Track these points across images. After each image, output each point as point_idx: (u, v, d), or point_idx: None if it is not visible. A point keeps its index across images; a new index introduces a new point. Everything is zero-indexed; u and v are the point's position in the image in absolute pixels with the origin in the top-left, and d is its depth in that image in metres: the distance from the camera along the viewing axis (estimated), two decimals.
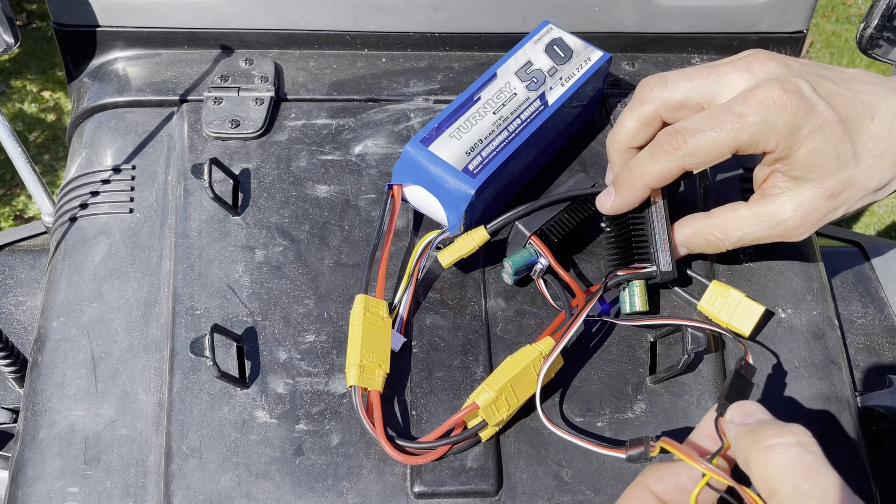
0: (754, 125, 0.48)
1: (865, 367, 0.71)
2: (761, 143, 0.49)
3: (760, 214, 0.52)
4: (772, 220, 0.52)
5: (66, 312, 0.60)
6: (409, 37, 0.74)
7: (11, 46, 0.63)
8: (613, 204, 0.55)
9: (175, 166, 0.66)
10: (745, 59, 0.51)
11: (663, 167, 0.51)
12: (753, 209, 0.52)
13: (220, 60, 0.73)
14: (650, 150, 0.52)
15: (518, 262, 0.57)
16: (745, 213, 0.52)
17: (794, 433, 0.38)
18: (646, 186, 0.53)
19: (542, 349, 0.52)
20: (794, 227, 0.51)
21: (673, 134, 0.50)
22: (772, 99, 0.47)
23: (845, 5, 2.35)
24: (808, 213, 0.51)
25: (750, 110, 0.48)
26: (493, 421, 0.51)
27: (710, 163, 0.50)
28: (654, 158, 0.51)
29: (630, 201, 0.54)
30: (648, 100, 0.53)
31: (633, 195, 0.54)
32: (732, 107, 0.49)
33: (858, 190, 0.50)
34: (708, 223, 0.54)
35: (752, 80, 0.50)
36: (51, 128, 1.96)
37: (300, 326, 0.57)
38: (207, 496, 0.51)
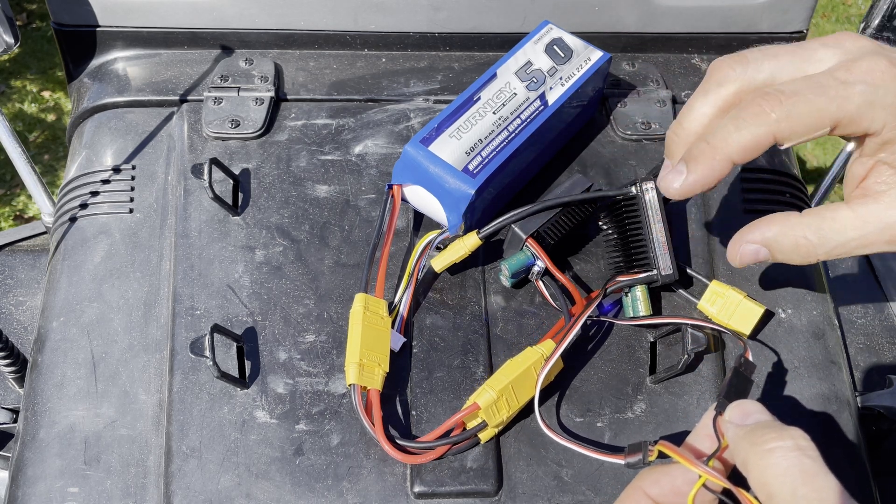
0: (860, 95, 0.41)
1: (865, 367, 0.71)
2: (866, 120, 0.41)
3: (866, 216, 0.44)
4: (880, 223, 0.43)
5: (66, 312, 0.60)
6: (409, 37, 0.74)
7: (11, 46, 0.63)
8: (685, 183, 0.45)
9: (175, 166, 0.66)
10: (835, 36, 0.45)
11: (751, 134, 0.42)
12: (857, 209, 0.44)
13: (220, 60, 0.73)
14: (734, 117, 0.43)
15: (515, 266, 0.57)
16: (847, 213, 0.44)
17: (793, 437, 0.38)
18: (728, 159, 0.44)
19: (543, 351, 0.52)
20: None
21: (765, 95, 0.42)
22: (879, 69, 0.41)
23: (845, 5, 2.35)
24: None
25: (856, 78, 0.41)
26: (493, 422, 0.51)
27: (807, 135, 0.42)
28: (738, 125, 0.43)
29: (707, 178, 0.45)
30: (728, 80, 0.45)
31: (711, 170, 0.44)
32: (835, 73, 0.42)
33: None
34: (801, 222, 0.46)
35: (845, 55, 0.43)
36: (51, 128, 1.96)
37: (300, 326, 0.57)
38: (207, 496, 0.51)
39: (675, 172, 0.46)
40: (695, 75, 0.75)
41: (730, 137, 0.43)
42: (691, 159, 0.45)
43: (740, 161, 0.44)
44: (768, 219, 0.47)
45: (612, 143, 0.69)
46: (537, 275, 0.57)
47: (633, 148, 0.68)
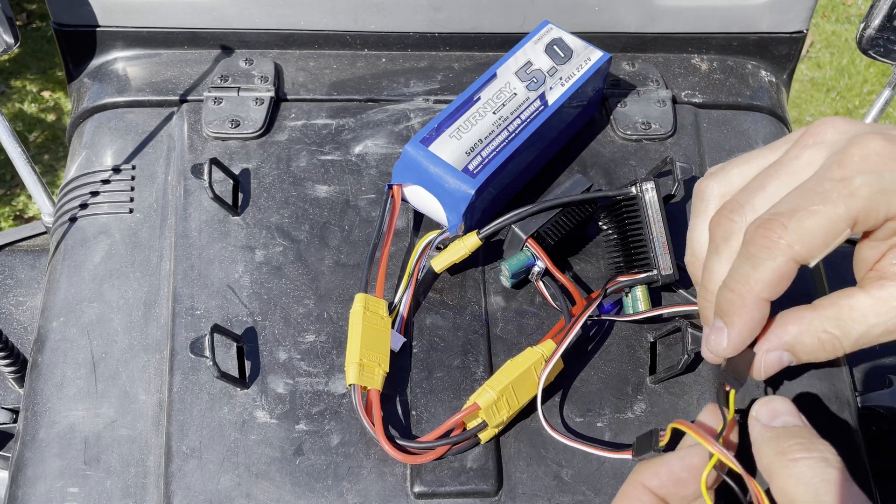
0: (865, 187, 0.37)
1: (866, 367, 0.71)
2: (881, 209, 0.38)
3: (888, 300, 0.40)
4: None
5: (65, 312, 0.60)
6: (409, 37, 0.74)
7: (11, 46, 0.63)
8: (731, 339, 0.43)
9: (175, 166, 0.66)
10: (813, 130, 0.41)
11: (770, 269, 0.39)
12: (875, 294, 0.41)
13: (220, 60, 0.73)
14: (744, 255, 0.40)
15: (515, 266, 0.57)
16: (865, 300, 0.41)
17: (820, 450, 0.37)
18: (760, 301, 0.41)
19: (543, 352, 0.52)
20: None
21: (765, 224, 0.39)
22: (874, 153, 0.38)
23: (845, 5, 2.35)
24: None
25: (852, 171, 0.38)
26: (494, 422, 0.51)
27: (827, 247, 0.39)
28: (753, 262, 0.40)
29: (750, 328, 0.42)
30: (731, 233, 0.42)
31: (750, 318, 0.42)
32: (827, 173, 0.38)
33: None
34: (818, 317, 0.42)
35: (831, 149, 0.40)
36: (51, 128, 1.96)
37: (300, 326, 0.57)
38: (207, 496, 0.51)
39: (717, 332, 0.43)
40: (695, 75, 0.75)
41: (751, 279, 0.40)
42: (724, 314, 0.42)
43: (775, 296, 0.41)
44: (780, 320, 0.43)
45: (612, 143, 0.69)
46: (537, 275, 0.57)
47: (633, 148, 0.68)
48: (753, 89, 0.75)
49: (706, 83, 0.75)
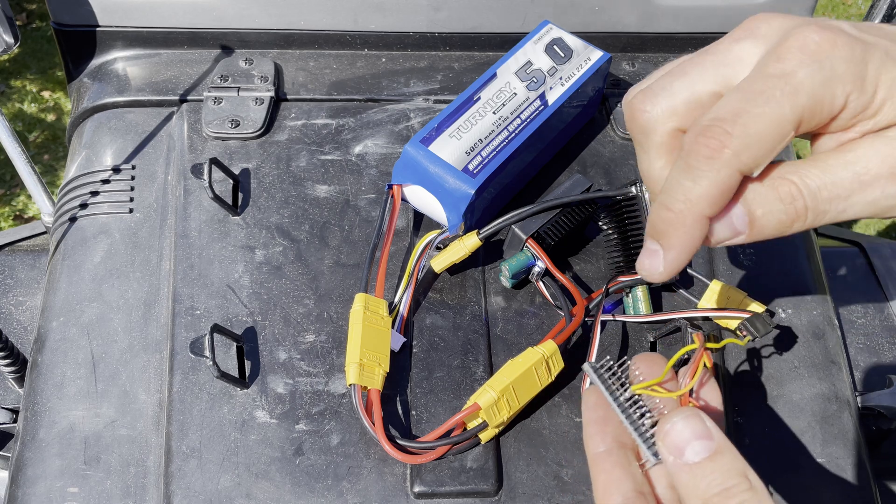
0: (808, 79, 0.33)
1: (865, 367, 0.71)
2: (827, 102, 0.34)
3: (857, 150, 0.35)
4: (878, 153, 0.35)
5: (65, 312, 0.60)
6: (409, 37, 0.74)
7: (11, 46, 0.63)
8: (667, 265, 0.37)
9: (175, 166, 0.66)
10: (744, 26, 0.37)
11: (713, 182, 0.34)
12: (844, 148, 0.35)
13: (219, 60, 0.73)
14: (683, 168, 0.35)
15: (515, 266, 0.57)
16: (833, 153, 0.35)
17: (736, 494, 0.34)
18: (700, 217, 0.35)
19: (544, 352, 0.52)
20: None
21: (706, 132, 0.34)
22: (813, 41, 0.34)
23: (846, 5, 2.35)
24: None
25: (793, 64, 0.34)
26: (494, 422, 0.51)
27: (773, 151, 0.35)
28: (694, 176, 0.35)
29: (689, 249, 0.36)
30: (650, 125, 0.38)
31: (690, 238, 0.36)
32: (766, 70, 0.34)
33: None
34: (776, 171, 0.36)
35: (766, 43, 0.36)
36: (51, 128, 1.96)
37: (300, 326, 0.57)
38: (207, 496, 0.51)
39: (651, 254, 0.37)
40: None
41: (692, 195, 0.35)
42: (660, 235, 0.37)
43: (717, 212, 0.35)
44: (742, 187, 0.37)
45: (612, 143, 0.69)
46: (537, 275, 0.57)
47: (633, 148, 0.68)
48: None
49: None
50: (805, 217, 0.35)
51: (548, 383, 0.53)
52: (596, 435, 0.40)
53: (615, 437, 0.40)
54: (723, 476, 0.35)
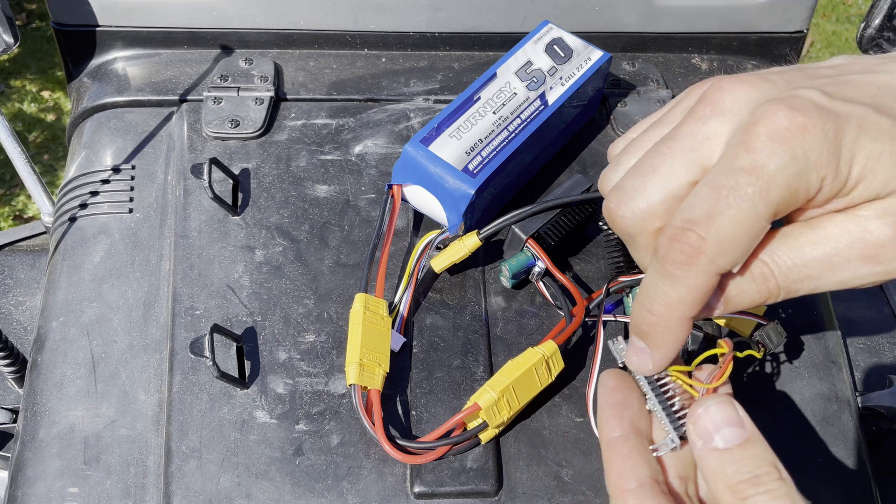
0: (780, 173, 0.32)
1: (866, 367, 0.71)
2: (802, 191, 0.33)
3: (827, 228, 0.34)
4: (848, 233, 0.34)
5: (65, 312, 0.60)
6: (409, 37, 0.74)
7: (11, 46, 0.63)
8: (656, 363, 0.38)
9: (175, 166, 0.66)
10: (707, 99, 0.35)
11: (691, 287, 0.34)
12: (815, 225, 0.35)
13: (219, 60, 0.73)
14: (660, 273, 0.35)
15: (515, 267, 0.57)
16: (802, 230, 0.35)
17: (766, 483, 0.34)
18: (683, 320, 0.36)
19: (544, 352, 0.52)
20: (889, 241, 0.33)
21: (679, 238, 0.34)
22: (782, 126, 0.32)
23: (846, 5, 2.35)
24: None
25: (764, 156, 0.32)
26: (494, 423, 0.51)
27: (750, 248, 0.34)
28: (671, 281, 0.34)
29: (672, 348, 0.37)
30: (632, 230, 0.37)
31: (675, 339, 0.37)
32: (736, 162, 0.33)
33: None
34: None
35: (732, 119, 0.35)
36: (50, 128, 1.96)
37: (300, 326, 0.57)
38: (207, 496, 0.51)
39: (637, 352, 0.39)
40: (695, 75, 0.75)
41: (671, 300, 0.35)
42: (645, 336, 0.37)
43: (695, 315, 0.36)
44: None
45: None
46: (538, 275, 0.57)
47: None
48: None
49: None
50: (777, 294, 0.35)
51: (548, 384, 0.53)
52: (613, 419, 0.40)
53: (632, 423, 0.40)
54: (753, 464, 0.35)
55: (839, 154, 0.32)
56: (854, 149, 0.33)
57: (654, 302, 0.35)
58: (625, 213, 0.36)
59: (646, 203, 0.36)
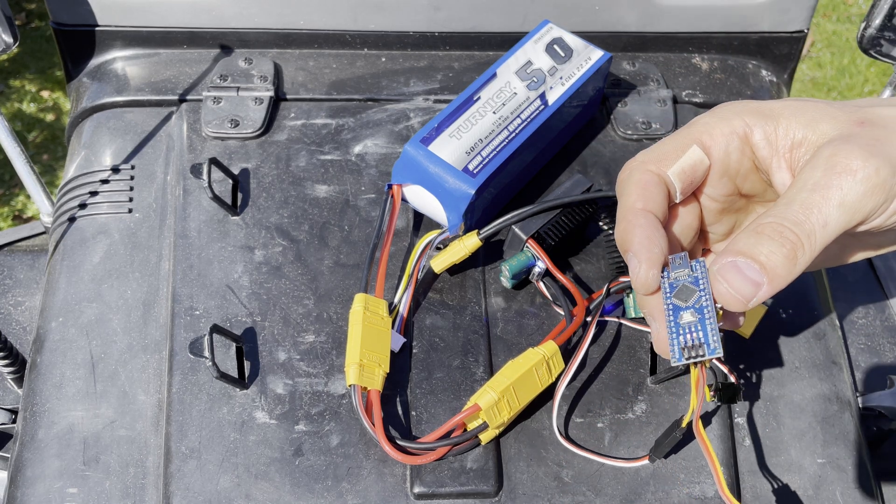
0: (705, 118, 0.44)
1: (866, 368, 0.71)
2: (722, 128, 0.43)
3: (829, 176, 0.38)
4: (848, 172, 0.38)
5: (64, 313, 0.60)
6: (409, 36, 0.74)
7: (10, 46, 0.63)
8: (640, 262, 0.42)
9: (174, 166, 0.66)
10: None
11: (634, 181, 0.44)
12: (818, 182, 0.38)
13: (219, 60, 0.73)
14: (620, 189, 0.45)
15: (515, 267, 0.57)
16: (812, 188, 0.39)
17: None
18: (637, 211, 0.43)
19: (544, 352, 0.52)
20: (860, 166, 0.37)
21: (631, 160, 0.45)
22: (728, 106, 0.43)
23: (846, 5, 2.35)
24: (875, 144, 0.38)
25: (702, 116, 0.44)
26: (494, 423, 0.51)
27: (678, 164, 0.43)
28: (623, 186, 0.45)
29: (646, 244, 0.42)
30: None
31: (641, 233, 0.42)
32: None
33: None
34: (775, 217, 0.39)
35: None
36: (50, 128, 1.96)
37: (300, 327, 0.57)
38: (207, 497, 0.51)
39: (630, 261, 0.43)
40: (695, 75, 0.75)
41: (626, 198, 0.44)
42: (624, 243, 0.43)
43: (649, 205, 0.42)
44: (730, 241, 0.41)
45: (613, 143, 0.68)
46: (538, 276, 0.57)
47: (633, 148, 0.68)
48: (754, 89, 0.75)
49: (707, 83, 0.75)
50: (811, 256, 0.39)
51: (548, 384, 0.53)
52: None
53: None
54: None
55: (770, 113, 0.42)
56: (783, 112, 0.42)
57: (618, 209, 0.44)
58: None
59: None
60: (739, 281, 0.39)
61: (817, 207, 0.38)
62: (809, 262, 0.39)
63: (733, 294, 0.40)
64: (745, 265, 0.39)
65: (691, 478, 0.52)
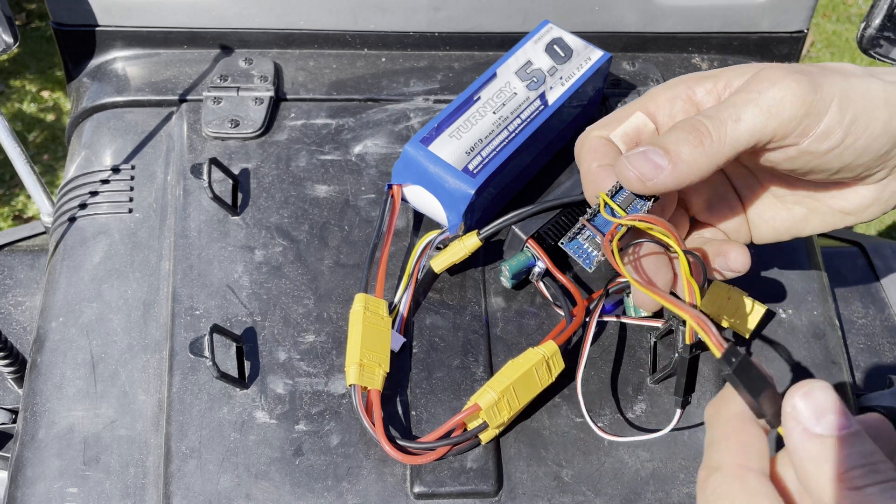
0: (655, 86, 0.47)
1: (866, 368, 0.71)
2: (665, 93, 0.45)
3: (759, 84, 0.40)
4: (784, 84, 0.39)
5: (65, 313, 0.60)
6: (409, 36, 0.74)
7: (11, 46, 0.63)
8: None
9: (174, 166, 0.66)
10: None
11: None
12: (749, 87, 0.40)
13: (219, 60, 0.73)
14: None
15: (516, 267, 0.57)
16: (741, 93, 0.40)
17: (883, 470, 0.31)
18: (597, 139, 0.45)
19: (544, 352, 0.52)
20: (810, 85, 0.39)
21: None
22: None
23: (846, 5, 2.35)
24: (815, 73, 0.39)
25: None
26: (494, 423, 0.51)
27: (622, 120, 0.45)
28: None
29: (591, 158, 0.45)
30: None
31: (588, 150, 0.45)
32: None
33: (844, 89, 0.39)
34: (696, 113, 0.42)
35: None
36: (50, 128, 1.96)
37: (300, 326, 0.57)
38: (207, 497, 0.51)
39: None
40: None
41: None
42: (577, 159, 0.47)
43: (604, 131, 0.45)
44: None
45: None
46: (538, 276, 0.57)
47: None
48: None
49: None
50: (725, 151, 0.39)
51: (548, 384, 0.53)
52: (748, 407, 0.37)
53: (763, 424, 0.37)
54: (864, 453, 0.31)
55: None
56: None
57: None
58: None
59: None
60: (642, 162, 0.40)
61: (731, 104, 0.40)
62: (720, 154, 0.39)
63: (635, 173, 0.41)
64: (652, 151, 0.40)
65: (691, 477, 0.52)
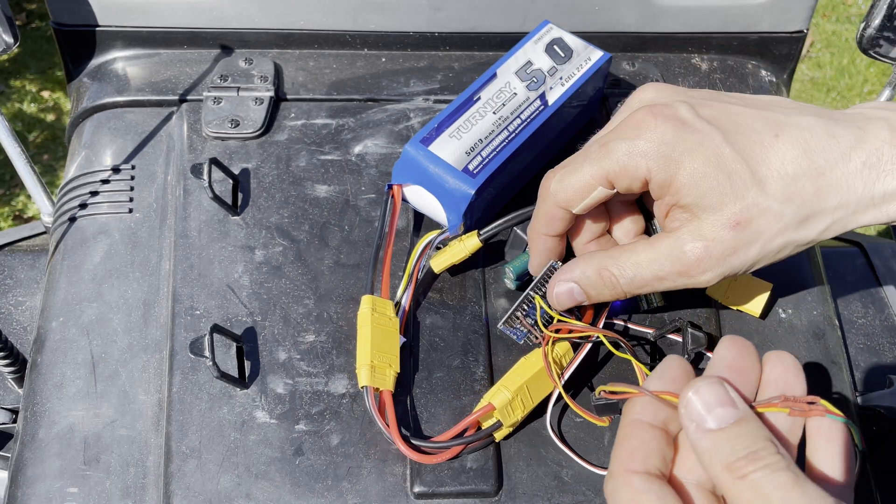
0: (617, 150, 0.45)
1: (866, 368, 0.71)
2: (631, 170, 0.45)
3: (659, 248, 0.46)
4: (671, 255, 0.46)
5: (65, 312, 0.60)
6: (409, 37, 0.74)
7: (11, 46, 0.63)
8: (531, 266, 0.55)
9: (174, 166, 0.66)
10: (634, 94, 0.51)
11: (542, 211, 0.50)
12: (653, 244, 0.47)
13: (219, 60, 0.73)
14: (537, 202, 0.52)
15: (519, 268, 0.57)
16: (644, 246, 0.47)
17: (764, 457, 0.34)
18: (540, 235, 0.52)
19: (557, 351, 0.52)
20: (694, 262, 0.45)
21: (546, 177, 0.50)
22: (636, 121, 0.45)
23: (846, 5, 2.35)
24: (710, 245, 0.44)
25: (613, 136, 0.46)
26: (508, 422, 0.51)
27: (584, 199, 0.48)
28: (537, 206, 0.51)
29: (539, 255, 0.53)
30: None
31: (537, 248, 0.53)
32: (599, 138, 0.49)
33: (773, 220, 0.43)
34: (603, 257, 0.49)
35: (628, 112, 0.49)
36: (50, 128, 1.96)
37: (300, 326, 0.57)
38: (207, 496, 0.51)
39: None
40: (695, 75, 0.75)
41: (535, 219, 0.52)
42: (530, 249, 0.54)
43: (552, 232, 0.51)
44: (578, 259, 0.50)
45: None
46: None
47: None
48: (754, 89, 0.75)
49: (706, 83, 0.75)
50: (624, 295, 0.49)
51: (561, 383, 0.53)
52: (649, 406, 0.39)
53: (665, 423, 0.38)
54: (749, 441, 0.34)
55: (668, 155, 0.44)
56: (684, 156, 0.44)
57: (531, 221, 0.52)
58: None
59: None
60: (566, 300, 0.51)
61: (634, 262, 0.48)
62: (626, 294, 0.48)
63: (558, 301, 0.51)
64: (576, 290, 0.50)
65: None
